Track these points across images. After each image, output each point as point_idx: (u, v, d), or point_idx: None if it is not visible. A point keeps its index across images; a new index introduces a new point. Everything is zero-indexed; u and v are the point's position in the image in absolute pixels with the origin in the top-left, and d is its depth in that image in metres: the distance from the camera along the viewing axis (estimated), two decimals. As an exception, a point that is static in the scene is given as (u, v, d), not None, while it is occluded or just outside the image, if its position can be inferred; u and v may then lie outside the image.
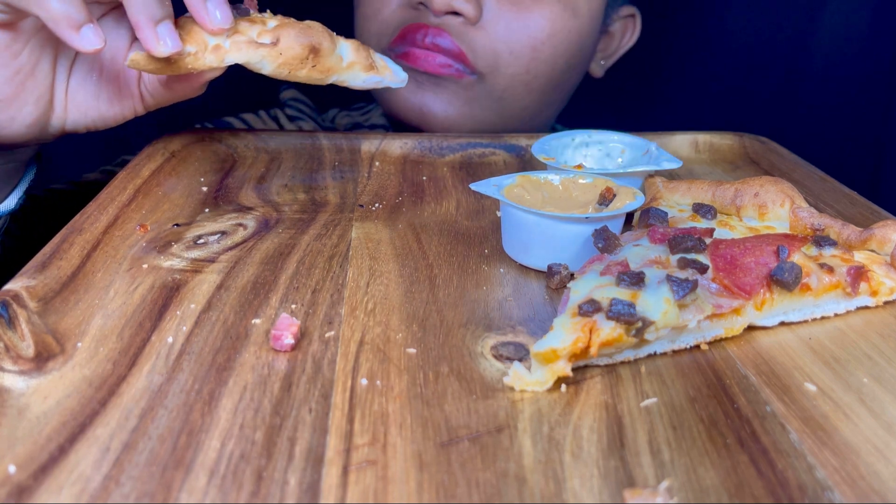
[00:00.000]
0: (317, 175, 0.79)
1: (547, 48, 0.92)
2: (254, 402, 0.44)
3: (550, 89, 0.97)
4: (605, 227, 0.55)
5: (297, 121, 1.13)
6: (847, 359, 0.50)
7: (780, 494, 0.38)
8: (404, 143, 0.86)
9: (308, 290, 0.56)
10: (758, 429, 0.43)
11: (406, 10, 0.92)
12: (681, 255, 0.53)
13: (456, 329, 0.52)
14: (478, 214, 0.71)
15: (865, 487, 0.39)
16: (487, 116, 0.96)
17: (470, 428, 0.42)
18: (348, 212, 0.70)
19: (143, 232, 0.64)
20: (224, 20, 0.61)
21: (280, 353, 0.48)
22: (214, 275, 0.58)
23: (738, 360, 0.49)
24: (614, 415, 0.44)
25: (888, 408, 0.45)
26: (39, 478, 0.37)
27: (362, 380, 0.46)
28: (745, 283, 0.51)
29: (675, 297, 0.48)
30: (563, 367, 0.45)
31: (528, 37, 0.91)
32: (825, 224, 0.60)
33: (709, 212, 0.62)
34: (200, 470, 0.38)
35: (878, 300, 0.56)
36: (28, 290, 0.53)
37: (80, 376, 0.45)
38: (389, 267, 0.60)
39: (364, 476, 0.38)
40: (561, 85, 0.98)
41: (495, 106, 0.95)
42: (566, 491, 0.38)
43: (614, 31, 1.06)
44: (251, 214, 0.69)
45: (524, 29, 0.91)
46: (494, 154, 0.87)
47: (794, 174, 0.80)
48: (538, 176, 0.65)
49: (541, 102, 0.98)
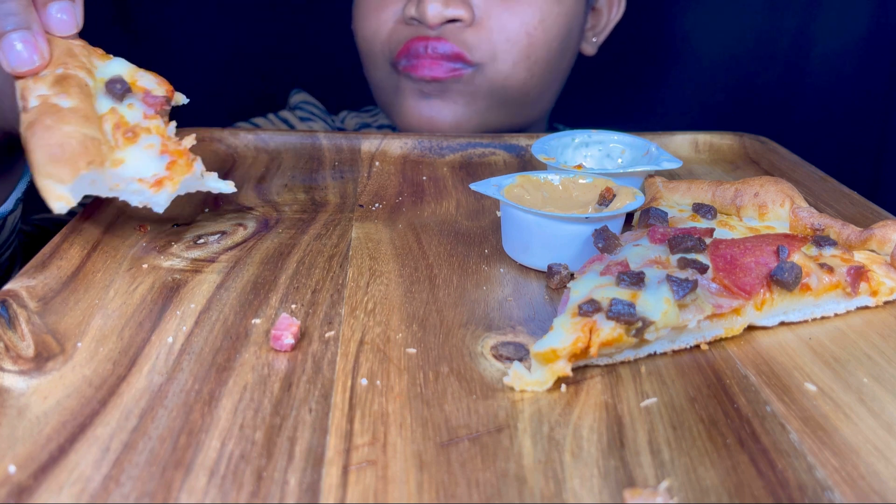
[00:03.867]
0: (317, 175, 0.79)
1: (540, 32, 0.94)
2: (254, 402, 0.44)
3: (548, 72, 0.99)
4: (605, 227, 0.55)
5: (308, 122, 1.14)
6: (847, 359, 0.50)
7: (780, 494, 0.38)
8: (404, 143, 0.86)
9: (308, 290, 0.56)
10: (758, 429, 0.43)
11: (403, 26, 0.95)
12: (681, 255, 0.53)
13: (456, 329, 0.52)
14: (478, 214, 0.71)
15: (865, 487, 0.39)
16: (492, 108, 0.97)
17: (470, 428, 0.42)
18: (348, 212, 0.70)
19: (143, 232, 0.64)
20: (30, 59, 0.55)
21: (280, 353, 0.48)
22: (214, 275, 0.58)
23: (738, 360, 0.49)
24: (614, 415, 0.44)
25: (888, 408, 0.45)
26: (39, 478, 0.37)
27: (362, 380, 0.46)
28: (745, 283, 0.51)
29: (675, 297, 0.48)
30: (563, 367, 0.45)
31: (522, 24, 0.93)
32: (825, 224, 0.60)
33: (709, 212, 0.62)
34: (200, 470, 0.38)
35: (878, 300, 0.56)
36: (28, 290, 0.53)
37: (79, 376, 0.45)
38: (389, 267, 0.60)
39: (364, 476, 0.38)
40: (557, 67, 1.00)
41: (498, 95, 0.96)
42: (566, 491, 0.38)
43: (601, 7, 1.07)
44: (251, 214, 0.69)
45: (516, 18, 0.93)
46: (494, 154, 0.87)
47: (794, 174, 0.80)
48: (538, 176, 0.65)
49: (541, 87, 0.99)
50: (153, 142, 0.56)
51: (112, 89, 0.57)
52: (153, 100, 0.58)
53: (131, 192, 0.55)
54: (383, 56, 0.97)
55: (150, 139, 0.56)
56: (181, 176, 0.56)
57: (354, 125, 1.18)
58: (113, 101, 0.57)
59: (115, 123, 0.56)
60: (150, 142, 0.56)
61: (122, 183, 0.55)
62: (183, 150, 0.58)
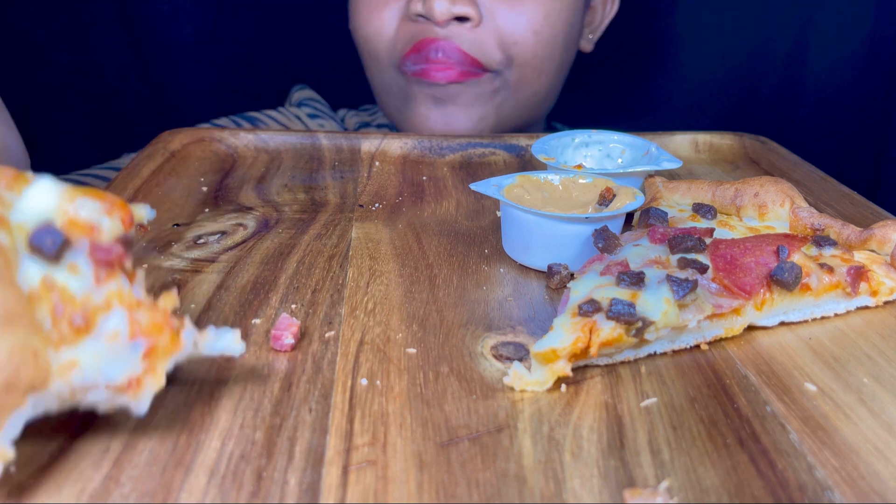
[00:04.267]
0: (317, 175, 0.79)
1: (546, 29, 0.94)
2: (254, 402, 0.44)
3: (554, 69, 0.99)
4: (605, 227, 0.55)
5: (316, 118, 1.14)
6: (847, 359, 0.50)
7: (780, 494, 0.38)
8: (404, 143, 0.86)
9: (308, 290, 0.56)
10: (758, 429, 0.43)
11: (408, 23, 0.92)
12: (681, 255, 0.53)
13: (456, 329, 0.52)
14: (478, 214, 0.71)
15: (865, 487, 0.39)
16: (505, 110, 0.97)
17: (470, 428, 0.42)
18: (348, 212, 0.70)
19: (142, 232, 0.64)
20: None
21: (280, 353, 0.48)
22: (214, 275, 0.58)
23: (738, 360, 0.49)
24: (614, 415, 0.44)
25: (888, 408, 0.45)
26: (39, 478, 0.37)
27: (362, 380, 0.46)
28: (745, 283, 0.51)
29: (675, 297, 0.48)
30: (563, 367, 0.45)
31: (528, 21, 0.92)
32: (825, 224, 0.60)
33: (709, 212, 0.62)
34: (200, 470, 0.38)
35: (878, 300, 0.56)
36: (28, 290, 0.53)
37: (80, 376, 0.45)
38: (389, 267, 0.60)
39: (364, 476, 0.38)
40: (561, 63, 1.00)
41: (512, 97, 0.96)
42: (566, 491, 0.38)
43: (596, 5, 1.08)
44: (251, 214, 0.69)
45: (522, 16, 0.92)
46: (494, 154, 0.87)
47: (794, 174, 0.80)
48: (538, 176, 0.64)
49: (549, 85, 1.00)
50: (117, 325, 0.38)
51: (40, 246, 0.37)
52: (105, 253, 0.39)
53: (96, 399, 0.38)
54: (388, 57, 0.95)
55: (112, 321, 0.38)
56: (166, 359, 0.39)
57: (354, 124, 1.18)
58: (45, 264, 0.37)
59: (53, 303, 0.37)
60: (112, 326, 0.38)
61: (81, 391, 0.37)
62: (162, 317, 0.39)
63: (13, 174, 0.39)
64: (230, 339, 0.41)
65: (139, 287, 0.40)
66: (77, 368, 0.36)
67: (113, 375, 0.37)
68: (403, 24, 0.93)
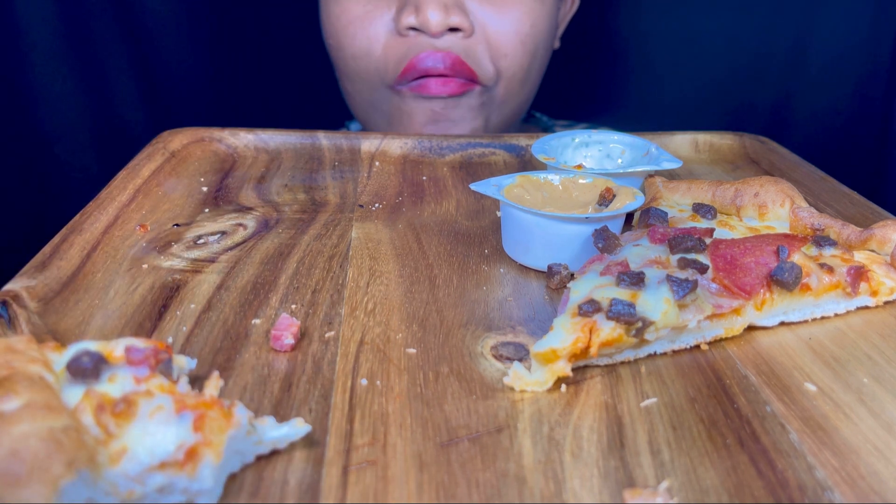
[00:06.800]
0: (317, 175, 0.79)
1: (530, 39, 0.94)
2: (254, 403, 0.44)
3: (536, 76, 1.00)
4: (605, 227, 0.55)
5: None
6: (847, 359, 0.50)
7: (780, 494, 0.38)
8: (404, 143, 0.86)
9: (308, 291, 0.56)
10: (758, 429, 0.43)
11: (397, 39, 0.90)
12: (681, 255, 0.53)
13: (456, 329, 0.52)
14: (478, 214, 0.71)
15: (865, 487, 0.39)
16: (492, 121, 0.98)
17: (470, 428, 0.42)
18: (348, 212, 0.70)
19: (143, 232, 0.64)
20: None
21: (280, 353, 0.48)
22: (214, 275, 0.58)
23: (738, 360, 0.49)
24: (614, 415, 0.44)
25: (888, 408, 0.45)
26: (39, 478, 0.37)
27: (362, 380, 0.46)
28: (745, 283, 0.51)
29: (675, 297, 0.48)
30: (563, 367, 0.45)
31: (516, 32, 0.93)
32: (825, 224, 0.60)
33: (709, 212, 0.62)
34: (200, 470, 0.38)
35: (878, 300, 0.56)
36: (28, 290, 0.53)
37: (80, 376, 0.45)
38: (389, 267, 0.60)
39: (364, 476, 0.38)
40: (542, 67, 1.01)
41: (498, 110, 0.98)
42: (566, 491, 0.38)
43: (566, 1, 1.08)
44: (251, 214, 0.69)
45: (509, 25, 0.92)
46: (494, 154, 0.87)
47: (794, 174, 0.80)
48: (538, 176, 0.64)
49: (531, 92, 1.02)
50: (162, 402, 0.38)
51: (78, 367, 0.39)
52: (140, 354, 0.41)
53: (158, 489, 0.36)
54: (378, 75, 0.92)
55: (156, 401, 0.38)
56: (223, 434, 0.37)
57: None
58: (84, 382, 0.39)
59: (95, 407, 0.37)
60: (157, 403, 0.38)
61: (138, 481, 0.36)
62: (210, 399, 0.39)
63: (55, 344, 0.42)
64: (293, 423, 0.40)
65: (184, 386, 0.41)
66: (127, 453, 0.36)
67: (166, 449, 0.36)
68: (392, 40, 0.91)
